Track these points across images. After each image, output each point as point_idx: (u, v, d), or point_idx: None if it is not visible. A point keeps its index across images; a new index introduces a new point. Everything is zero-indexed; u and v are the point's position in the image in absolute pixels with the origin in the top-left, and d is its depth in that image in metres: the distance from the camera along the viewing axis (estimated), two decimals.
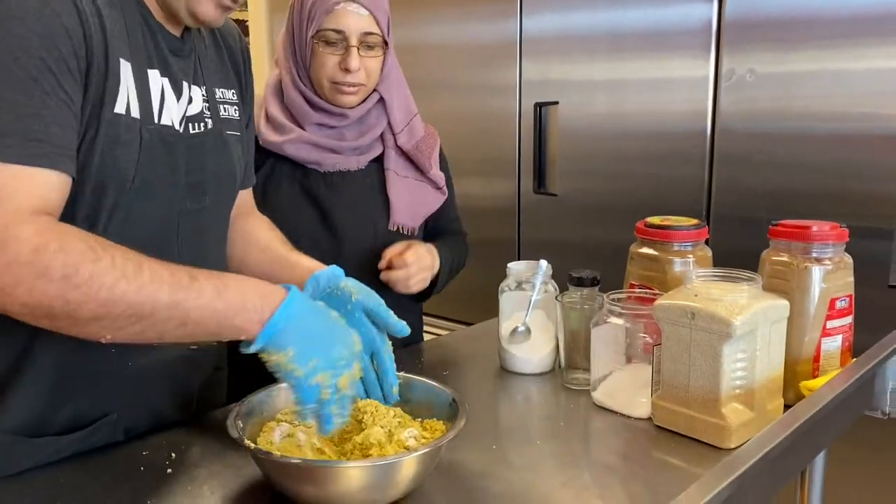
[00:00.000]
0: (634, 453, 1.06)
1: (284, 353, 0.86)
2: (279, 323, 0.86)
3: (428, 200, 1.53)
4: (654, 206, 2.11)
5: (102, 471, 0.98)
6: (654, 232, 1.24)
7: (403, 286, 1.37)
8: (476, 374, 1.35)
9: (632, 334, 1.16)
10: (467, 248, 1.64)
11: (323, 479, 0.86)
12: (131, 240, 0.93)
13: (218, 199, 1.08)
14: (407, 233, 1.48)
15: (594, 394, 1.20)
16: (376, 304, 1.03)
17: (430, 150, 1.53)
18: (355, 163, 1.45)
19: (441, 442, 0.90)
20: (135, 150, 0.92)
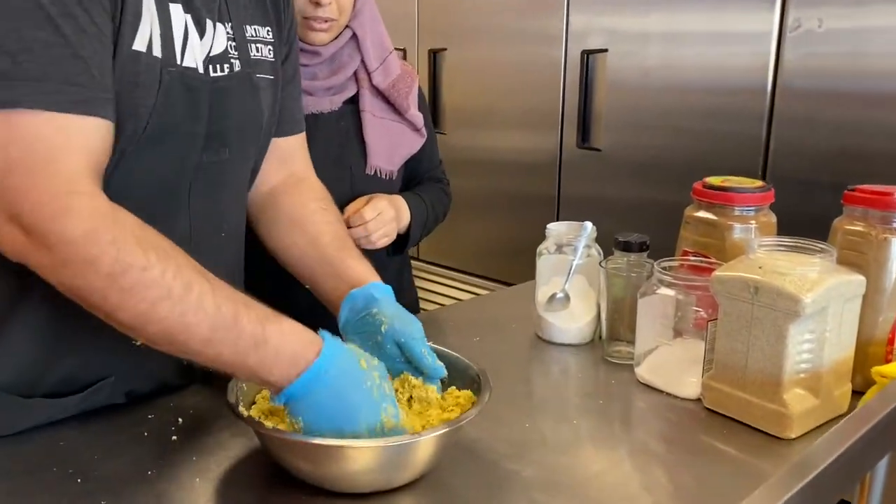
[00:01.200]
0: (681, 438, 0.96)
1: (294, 420, 0.80)
2: (296, 393, 0.78)
3: (406, 142, 1.44)
4: (706, 166, 2.00)
5: (104, 435, 0.92)
6: (714, 194, 1.12)
7: (366, 242, 1.31)
8: (510, 342, 1.26)
9: (683, 307, 1.06)
10: (449, 197, 1.55)
11: (323, 458, 0.79)
12: (136, 192, 0.85)
13: (240, 152, 0.98)
14: (385, 177, 1.42)
15: (638, 369, 1.10)
16: (410, 337, 0.91)
17: (408, 90, 1.43)
18: (328, 104, 1.36)
19: (458, 423, 0.81)
20: (152, 94, 0.82)
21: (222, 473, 0.84)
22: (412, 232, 1.41)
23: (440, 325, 1.31)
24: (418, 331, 0.91)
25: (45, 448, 0.88)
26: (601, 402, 1.05)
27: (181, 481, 0.83)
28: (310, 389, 0.78)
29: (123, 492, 0.80)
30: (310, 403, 0.78)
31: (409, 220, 1.39)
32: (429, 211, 1.45)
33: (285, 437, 0.79)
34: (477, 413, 0.83)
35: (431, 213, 1.46)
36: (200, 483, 0.83)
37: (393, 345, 0.91)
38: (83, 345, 0.90)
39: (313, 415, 0.78)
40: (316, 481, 0.81)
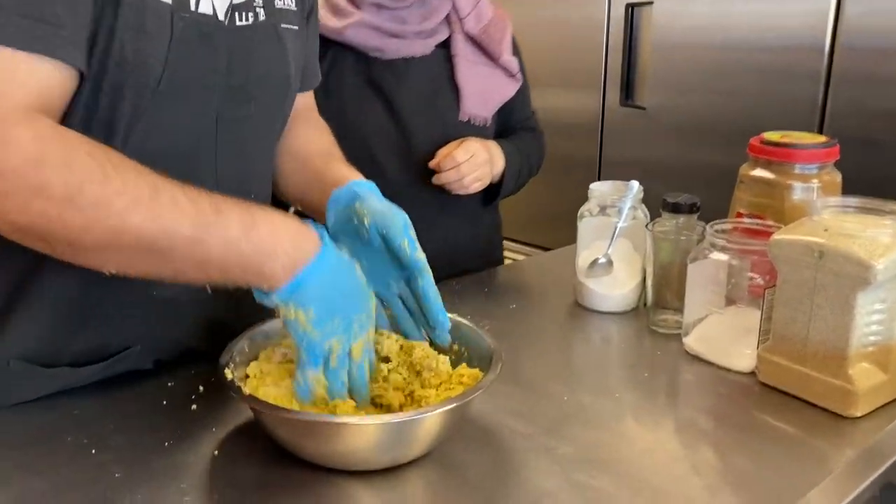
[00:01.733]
0: (733, 415, 0.89)
1: (305, 312, 0.73)
2: (309, 278, 0.73)
3: (500, 88, 1.38)
4: (757, 127, 1.87)
5: (123, 402, 0.88)
6: (772, 150, 1.03)
7: (459, 186, 1.27)
8: (548, 309, 1.19)
9: (736, 273, 0.98)
10: (543, 148, 1.49)
11: (319, 434, 0.74)
12: (157, 154, 0.79)
13: (266, 107, 0.92)
14: (479, 124, 1.36)
15: (686, 339, 1.03)
16: (390, 227, 0.83)
17: (501, 35, 1.37)
18: (421, 47, 1.32)
19: (464, 399, 0.75)
20: (163, 44, 0.76)
21: (242, 445, 0.80)
22: (506, 180, 1.35)
23: (476, 290, 1.25)
24: (399, 221, 0.84)
25: (62, 416, 0.85)
26: (646, 374, 0.98)
27: (199, 452, 0.79)
28: (324, 269, 0.74)
29: (136, 463, 0.76)
30: (324, 285, 0.74)
31: (504, 167, 1.33)
32: (523, 159, 1.39)
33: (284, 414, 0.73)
34: (484, 389, 0.76)
35: (525, 163, 1.40)
36: (219, 456, 0.78)
37: (378, 239, 0.84)
38: (108, 314, 0.86)
39: (327, 299, 0.74)
40: (325, 461, 0.76)
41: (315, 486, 0.74)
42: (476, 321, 1.10)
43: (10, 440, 0.81)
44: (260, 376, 0.83)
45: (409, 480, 0.75)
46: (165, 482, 0.74)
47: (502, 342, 1.04)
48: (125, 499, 0.71)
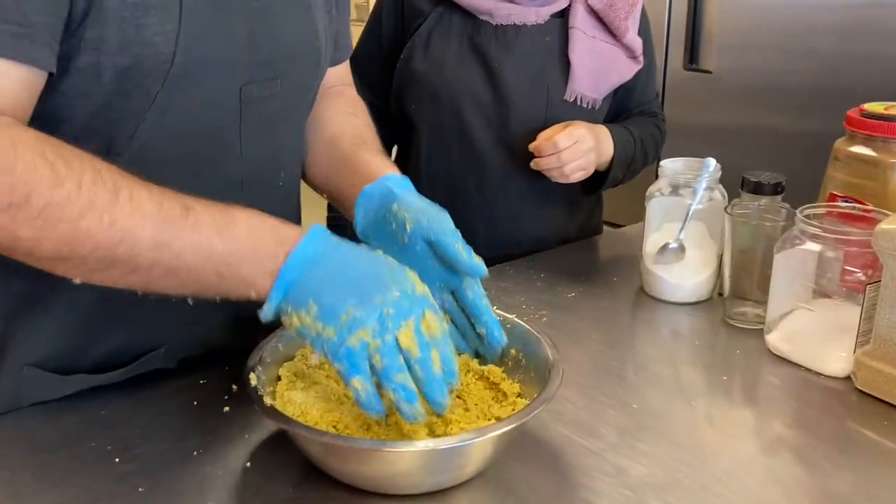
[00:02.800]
0: (828, 428, 0.78)
1: (307, 310, 0.61)
2: (295, 269, 0.62)
3: (618, 69, 1.24)
4: (836, 92, 1.75)
5: (151, 403, 0.81)
6: (875, 124, 0.90)
7: (559, 174, 1.14)
8: (611, 298, 1.08)
9: (830, 264, 0.86)
10: (663, 135, 1.34)
11: (347, 457, 0.66)
12: (174, 140, 0.72)
13: (295, 83, 0.82)
14: (587, 105, 1.23)
15: (769, 337, 0.92)
16: (440, 231, 0.73)
17: (629, 10, 1.22)
18: (534, 15, 1.20)
19: (516, 422, 0.65)
20: (173, 18, 0.67)
21: (276, 456, 0.72)
22: (614, 169, 1.22)
23: (529, 275, 1.15)
24: (447, 223, 0.74)
25: (86, 417, 0.78)
26: (724, 377, 0.87)
27: (229, 464, 0.72)
28: (313, 255, 0.62)
29: (162, 475, 0.70)
30: (320, 272, 0.62)
31: (612, 155, 1.21)
32: (636, 147, 1.25)
33: (319, 438, 0.65)
34: (541, 409, 0.67)
35: (639, 151, 1.26)
36: (251, 468, 0.71)
37: (423, 244, 0.74)
38: (130, 316, 0.79)
39: (329, 292, 0.61)
40: (357, 483, 0.68)
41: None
42: (532, 312, 1.03)
43: (32, 442, 0.75)
44: (292, 379, 0.75)
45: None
46: (191, 498, 0.67)
47: (561, 337, 0.95)
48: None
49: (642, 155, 1.27)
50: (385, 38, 1.26)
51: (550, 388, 0.68)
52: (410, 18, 1.23)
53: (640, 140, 1.26)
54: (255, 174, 0.80)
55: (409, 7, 1.23)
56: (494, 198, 1.24)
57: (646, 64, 1.27)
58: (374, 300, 0.61)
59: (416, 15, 1.22)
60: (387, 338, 0.60)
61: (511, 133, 1.21)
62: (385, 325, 0.60)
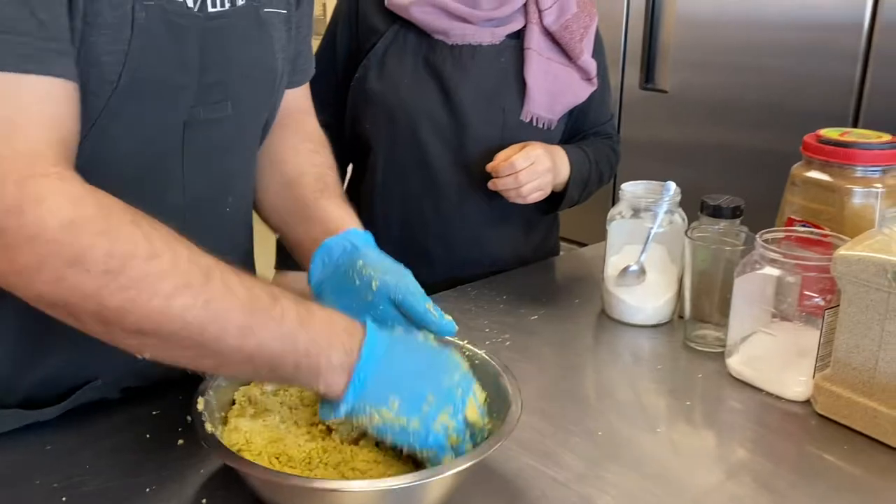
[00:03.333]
0: (791, 454, 0.79)
1: (388, 407, 0.63)
2: (369, 368, 0.63)
3: (572, 90, 1.24)
4: (789, 110, 1.79)
5: (99, 436, 0.78)
6: (832, 150, 0.91)
7: (516, 195, 1.14)
8: (573, 320, 1.08)
9: (788, 288, 0.87)
10: (617, 156, 1.35)
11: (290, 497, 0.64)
12: (115, 162, 0.68)
13: (246, 107, 0.79)
14: (543, 126, 1.23)
15: (730, 361, 0.93)
16: (408, 292, 0.73)
17: (584, 32, 1.23)
18: (489, 36, 1.19)
19: (475, 459, 0.64)
20: (123, 38, 0.64)
21: (233, 488, 0.69)
22: (570, 190, 1.22)
23: (492, 297, 1.14)
24: (413, 283, 0.74)
25: (30, 453, 0.75)
26: (688, 402, 0.87)
27: (183, 500, 0.69)
28: (382, 352, 0.64)
29: None
30: (392, 369, 0.64)
31: (568, 176, 1.21)
32: (592, 168, 1.25)
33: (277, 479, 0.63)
34: (499, 444, 0.65)
35: (594, 171, 1.26)
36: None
37: (387, 304, 0.73)
38: (62, 344, 0.75)
39: (406, 382, 0.64)
40: None
41: None
42: (496, 336, 1.02)
43: None
44: (244, 405, 0.73)
45: None
46: None
47: (524, 362, 0.95)
48: None
49: (597, 175, 1.28)
50: (340, 56, 1.24)
51: (507, 425, 0.67)
52: (365, 37, 1.22)
53: (595, 161, 1.26)
54: (199, 200, 0.77)
55: (364, 25, 1.22)
56: (451, 218, 1.24)
57: (600, 85, 1.28)
58: (444, 385, 0.65)
59: (371, 33, 1.21)
60: (459, 417, 0.65)
61: (467, 153, 1.21)
62: (457, 406, 0.65)
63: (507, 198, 1.15)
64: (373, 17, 1.21)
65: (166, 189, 0.74)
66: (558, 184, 1.21)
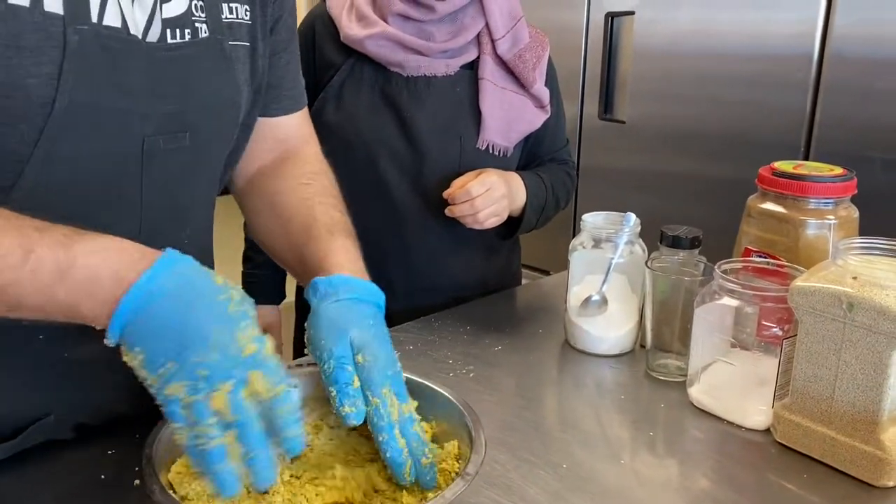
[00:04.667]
0: (752, 483, 0.79)
1: (134, 354, 0.59)
2: (127, 313, 0.59)
3: (526, 118, 1.27)
4: (743, 139, 1.83)
5: (51, 479, 0.75)
6: (786, 183, 0.94)
7: (472, 221, 1.16)
8: (537, 351, 1.08)
9: (747, 318, 0.88)
10: (573, 181, 1.38)
11: None
12: (64, 191, 0.67)
13: (206, 138, 0.78)
14: (499, 153, 1.26)
15: (691, 390, 0.93)
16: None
17: (536, 61, 1.26)
18: (444, 67, 1.22)
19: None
20: (52, 62, 0.63)
21: None
22: (526, 215, 1.24)
23: (455, 328, 1.14)
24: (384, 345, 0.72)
25: None
26: (651, 433, 0.88)
27: None
28: (145, 306, 0.59)
29: None
30: (149, 326, 0.59)
31: (525, 201, 1.23)
32: (548, 193, 1.28)
33: None
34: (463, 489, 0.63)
35: (551, 197, 1.29)
36: None
37: None
38: (11, 381, 0.73)
39: (154, 341, 0.59)
40: None
41: None
42: (459, 367, 1.01)
43: None
44: None
45: None
46: None
47: (487, 393, 0.95)
48: None
49: (554, 200, 1.30)
50: None
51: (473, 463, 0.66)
52: (322, 70, 1.23)
53: (551, 186, 1.29)
54: (156, 231, 0.75)
55: (321, 59, 1.23)
56: (411, 245, 1.25)
57: (554, 112, 1.31)
58: (191, 358, 0.58)
59: (328, 67, 1.22)
60: (199, 397, 0.58)
61: (425, 181, 1.22)
62: (196, 385, 0.58)
63: (465, 224, 1.17)
64: (329, 51, 1.23)
65: (122, 219, 0.73)
66: (515, 209, 1.23)
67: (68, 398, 0.77)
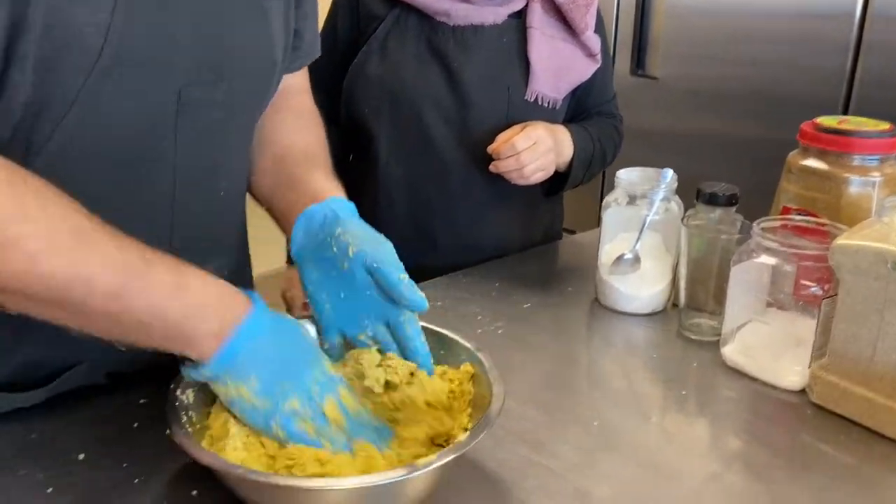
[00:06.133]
0: (787, 444, 0.78)
1: (245, 383, 0.63)
2: (243, 343, 0.63)
3: (576, 67, 1.23)
4: (779, 98, 1.78)
5: (85, 425, 0.76)
6: (829, 139, 0.91)
7: (518, 176, 1.13)
8: (566, 308, 1.07)
9: (785, 277, 0.86)
10: (621, 136, 1.34)
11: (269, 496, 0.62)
12: (98, 145, 0.66)
13: (244, 88, 0.77)
14: (548, 105, 1.22)
15: (725, 349, 0.92)
16: (383, 261, 0.71)
17: (587, 8, 1.21)
18: (491, 16, 1.18)
19: (461, 449, 0.61)
20: (104, 9, 0.61)
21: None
22: (573, 170, 1.21)
23: (485, 284, 1.13)
24: (391, 253, 0.73)
25: (13, 442, 0.73)
26: (683, 391, 0.87)
27: (175, 493, 0.67)
28: (253, 339, 0.64)
29: None
30: (262, 351, 0.64)
31: (572, 156, 1.20)
32: (595, 148, 1.24)
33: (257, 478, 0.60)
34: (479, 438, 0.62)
35: (598, 151, 1.25)
36: (199, 496, 0.67)
37: (363, 272, 0.72)
38: (46, 328, 0.73)
39: (267, 367, 0.64)
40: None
41: None
42: (488, 324, 1.01)
43: None
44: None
45: None
46: None
47: (516, 351, 0.94)
48: None
49: (601, 155, 1.27)
50: (340, 43, 1.22)
51: (490, 414, 0.65)
52: (366, 22, 1.20)
53: (598, 140, 1.25)
54: (190, 185, 0.75)
55: (365, 11, 1.20)
56: (456, 202, 1.22)
57: (603, 63, 1.27)
58: (304, 378, 0.66)
59: (372, 18, 1.19)
60: (314, 405, 0.65)
61: (472, 134, 1.19)
62: (311, 397, 0.66)
63: (510, 179, 1.14)
64: (373, 3, 1.19)
65: (156, 172, 0.72)
66: (561, 163, 1.19)
67: (99, 347, 0.77)
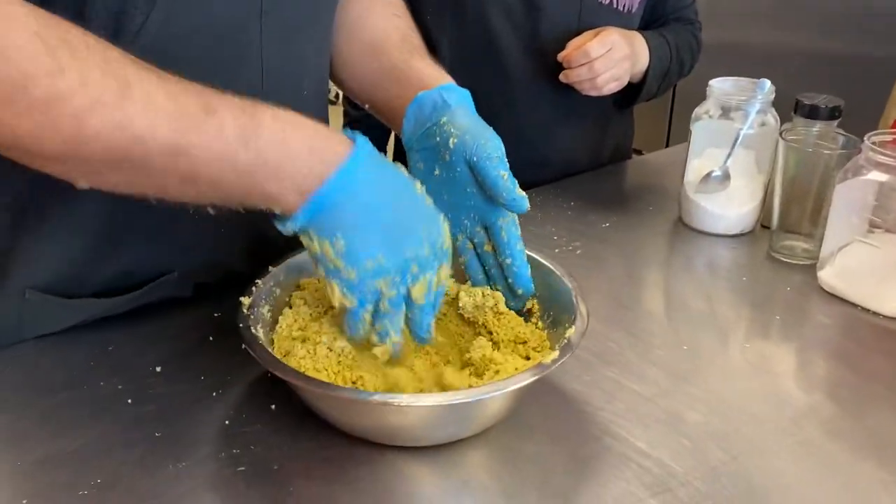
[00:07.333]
0: (889, 372, 0.73)
1: (331, 243, 0.56)
2: (331, 196, 0.55)
3: None
4: (879, 13, 1.64)
5: (161, 339, 0.75)
6: None
7: (590, 87, 1.05)
8: (647, 228, 1.02)
9: (892, 197, 0.80)
10: (699, 44, 1.24)
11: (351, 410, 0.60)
12: (186, 43, 0.64)
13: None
14: (623, 8, 1.13)
15: (822, 273, 0.86)
16: (484, 155, 0.66)
17: None
18: None
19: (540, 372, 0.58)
20: None
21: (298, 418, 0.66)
22: (649, 80, 1.13)
23: (558, 203, 1.09)
24: (496, 148, 0.67)
25: (93, 353, 0.72)
26: (777, 317, 0.82)
27: (252, 407, 0.66)
28: (349, 192, 0.56)
29: (181, 420, 0.64)
30: (354, 215, 0.56)
31: (647, 65, 1.12)
32: (672, 57, 1.16)
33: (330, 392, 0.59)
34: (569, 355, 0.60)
35: (675, 61, 1.17)
36: (277, 410, 0.66)
37: (464, 166, 0.67)
38: (140, 234, 0.72)
39: (360, 232, 0.56)
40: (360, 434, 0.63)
41: (362, 459, 0.61)
42: (565, 244, 0.96)
43: (35, 383, 0.69)
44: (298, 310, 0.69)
45: (469, 461, 0.61)
46: (215, 445, 0.62)
47: (597, 271, 0.90)
48: (167, 467, 0.59)
49: (678, 65, 1.18)
50: None
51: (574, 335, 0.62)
52: None
53: (676, 48, 1.16)
54: (278, 82, 0.72)
55: None
56: (522, 114, 1.15)
57: None
58: (405, 250, 0.58)
59: None
60: (402, 289, 0.59)
61: (540, 40, 1.11)
62: (405, 279, 0.59)
63: (581, 90, 1.07)
64: None
65: (245, 70, 0.69)
66: (636, 73, 1.11)
67: (193, 255, 0.76)
